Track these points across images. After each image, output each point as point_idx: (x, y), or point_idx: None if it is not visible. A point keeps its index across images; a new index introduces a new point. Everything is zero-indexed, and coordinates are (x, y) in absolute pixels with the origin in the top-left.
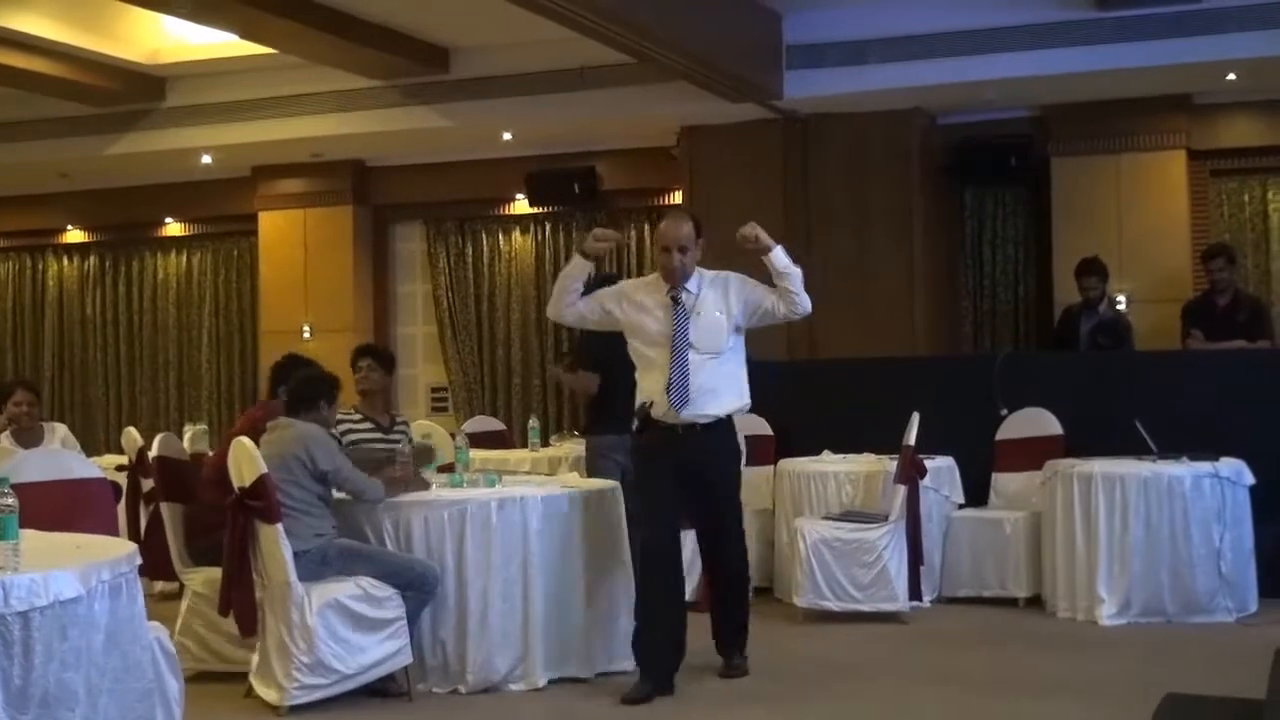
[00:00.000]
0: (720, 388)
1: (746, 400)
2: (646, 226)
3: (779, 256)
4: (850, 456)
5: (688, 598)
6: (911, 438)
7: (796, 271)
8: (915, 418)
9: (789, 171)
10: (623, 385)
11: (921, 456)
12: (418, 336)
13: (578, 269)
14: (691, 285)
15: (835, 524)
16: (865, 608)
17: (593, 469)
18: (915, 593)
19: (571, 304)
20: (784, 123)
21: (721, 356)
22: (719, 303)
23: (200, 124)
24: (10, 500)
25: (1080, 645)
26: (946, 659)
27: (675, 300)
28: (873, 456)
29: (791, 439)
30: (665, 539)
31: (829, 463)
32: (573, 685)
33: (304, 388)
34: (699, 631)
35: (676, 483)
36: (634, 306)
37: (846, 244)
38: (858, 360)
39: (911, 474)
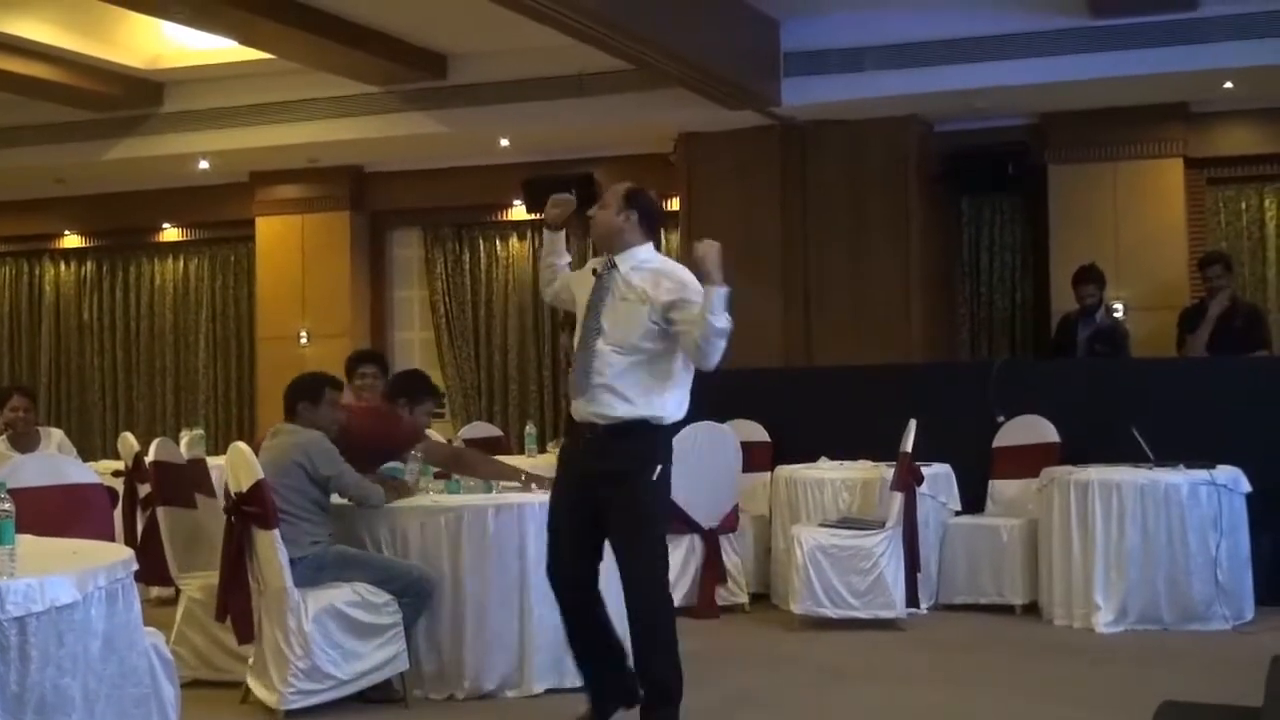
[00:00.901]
0: (628, 390)
1: (663, 413)
2: None
3: (713, 296)
4: (847, 463)
5: (680, 602)
6: (909, 444)
7: (718, 324)
8: (912, 424)
9: (786, 178)
10: None
11: (918, 463)
12: (415, 342)
13: (548, 243)
14: (623, 263)
15: (832, 531)
16: (862, 614)
17: None
18: (912, 600)
19: (549, 282)
20: (781, 130)
21: (636, 356)
22: (645, 293)
23: (198, 129)
24: (7, 505)
25: (1077, 652)
26: (943, 666)
27: (596, 273)
28: (869, 463)
29: (788, 445)
30: (554, 564)
31: (826, 469)
32: (568, 694)
33: (313, 383)
34: (693, 638)
35: (579, 497)
36: (578, 281)
37: (843, 251)
38: (855, 367)
39: (909, 481)
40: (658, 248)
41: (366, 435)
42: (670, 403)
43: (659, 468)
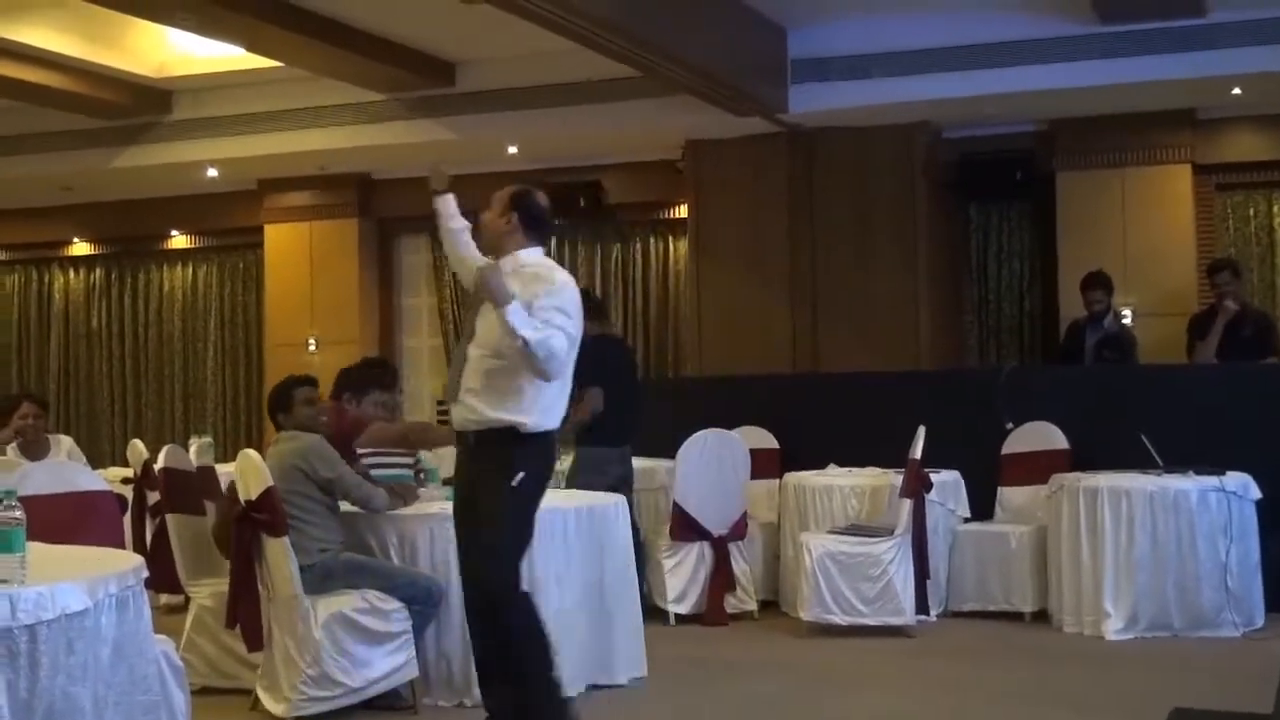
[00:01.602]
0: (492, 396)
1: (527, 420)
2: (652, 240)
3: (503, 318)
4: (855, 470)
5: (689, 610)
6: (917, 451)
7: (518, 343)
8: (921, 431)
9: (794, 185)
10: (612, 395)
11: (927, 470)
12: (423, 349)
13: (441, 210)
14: (505, 266)
15: (841, 538)
16: (871, 621)
17: (584, 482)
18: (921, 607)
19: (463, 261)
20: (789, 136)
21: (500, 362)
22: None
23: (206, 137)
24: (17, 513)
25: (1086, 659)
26: (953, 673)
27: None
28: (878, 470)
29: (796, 452)
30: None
31: (834, 476)
32: (579, 698)
33: (281, 390)
34: (702, 645)
35: (462, 499)
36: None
37: (851, 257)
38: (862, 374)
39: (917, 488)
40: (547, 252)
41: None
42: (535, 410)
43: (520, 475)
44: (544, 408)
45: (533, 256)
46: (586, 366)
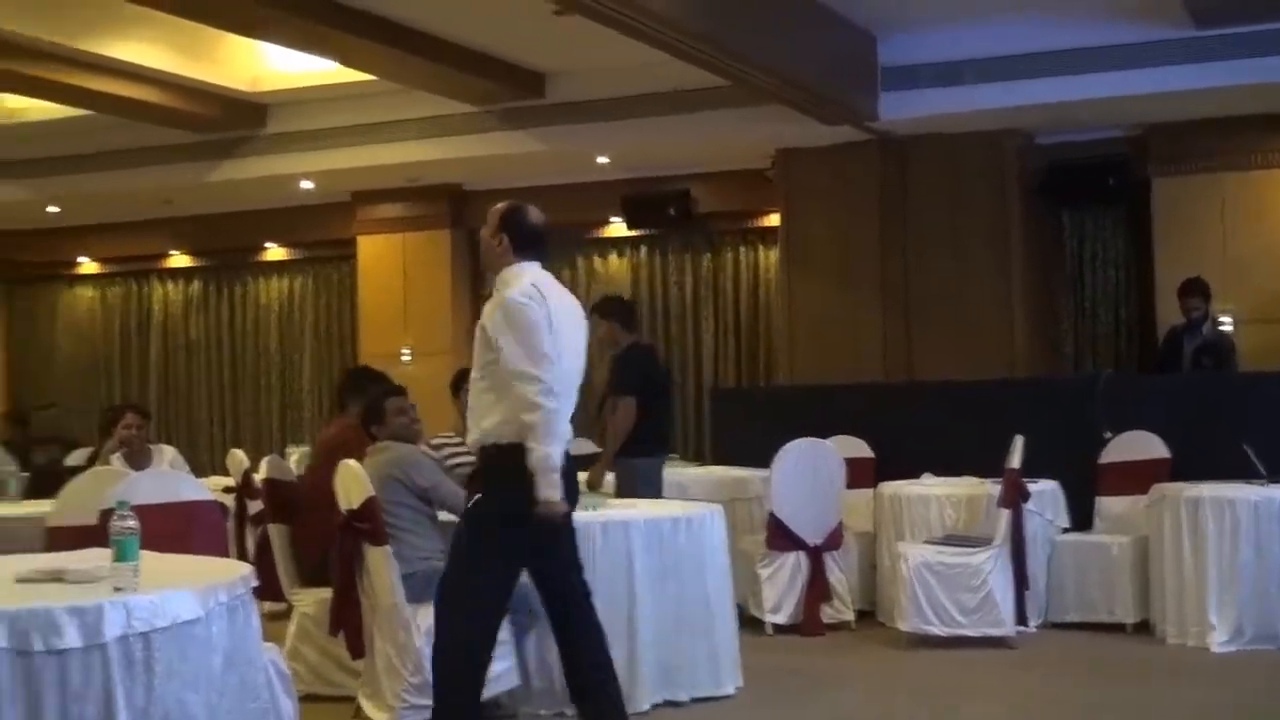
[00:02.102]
0: (479, 412)
1: (490, 427)
2: (742, 249)
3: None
4: (950, 479)
5: (786, 620)
6: (1015, 461)
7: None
8: (1019, 441)
9: (885, 193)
10: (656, 406)
11: (1025, 480)
12: None
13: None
14: (496, 285)
15: (939, 548)
16: (970, 632)
17: (633, 494)
18: (1021, 617)
19: None
20: (879, 144)
21: (482, 373)
22: (487, 313)
23: (300, 150)
24: (131, 522)
25: (1191, 672)
26: (1055, 686)
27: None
28: (974, 479)
29: (890, 461)
30: None
31: (930, 486)
32: (676, 709)
33: (372, 401)
34: (799, 656)
35: None
36: None
37: (943, 265)
38: (957, 382)
39: (1015, 497)
40: (544, 265)
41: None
42: (492, 420)
43: (475, 497)
44: (502, 415)
45: (516, 273)
46: (619, 376)
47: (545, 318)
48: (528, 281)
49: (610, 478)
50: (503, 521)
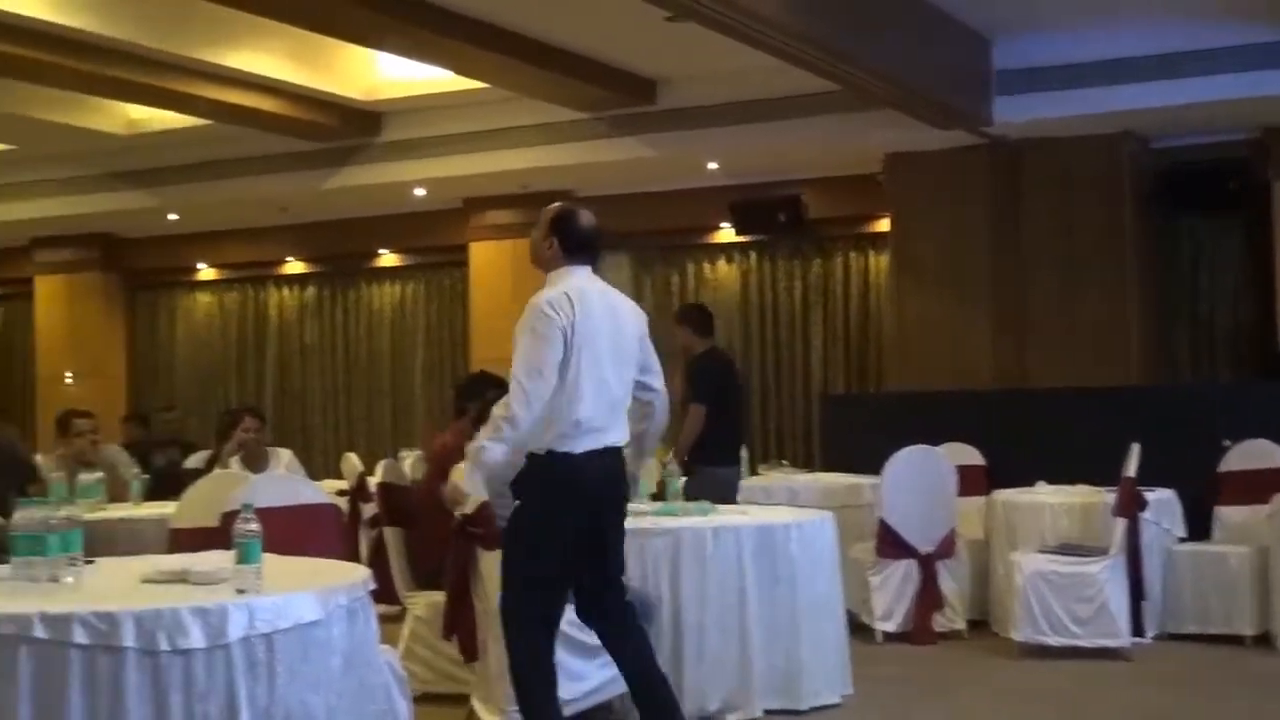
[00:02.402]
0: None
1: (526, 441)
2: (852, 255)
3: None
4: (1065, 488)
5: (896, 628)
6: (1131, 469)
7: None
8: (1135, 449)
9: (997, 197)
10: (729, 415)
11: (1140, 488)
12: None
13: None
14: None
15: (1053, 557)
16: (1085, 643)
17: (722, 502)
18: (1137, 628)
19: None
20: (991, 148)
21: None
22: None
23: (414, 158)
24: (254, 525)
25: None
26: (1170, 699)
27: None
28: (1088, 488)
29: (1003, 469)
30: None
31: (1043, 494)
32: (787, 715)
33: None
34: (911, 665)
35: None
36: None
37: (1057, 270)
38: (1070, 389)
39: (1131, 506)
40: (595, 270)
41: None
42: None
43: (516, 503)
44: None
45: (561, 276)
46: (691, 384)
47: (563, 331)
48: (564, 289)
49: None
50: (535, 534)
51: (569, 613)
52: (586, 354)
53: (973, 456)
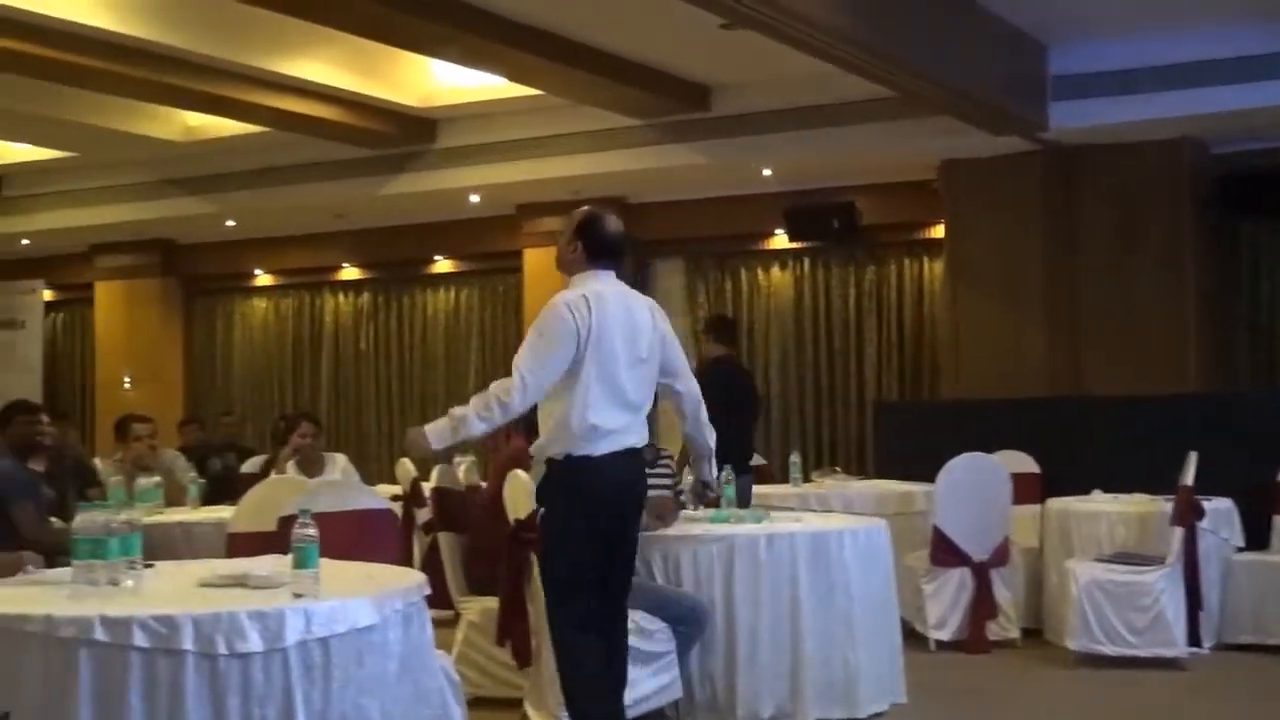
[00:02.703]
0: (540, 423)
1: (543, 443)
2: (906, 261)
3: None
4: (1121, 496)
5: (950, 636)
6: (1189, 477)
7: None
8: (1192, 457)
9: (1052, 203)
10: (736, 424)
11: (1198, 497)
12: None
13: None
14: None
15: (1109, 566)
16: (1141, 653)
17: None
18: (1194, 639)
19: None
20: (1047, 154)
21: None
22: None
23: (468, 164)
24: (312, 530)
25: None
26: (1226, 710)
27: None
28: (1145, 496)
29: (1058, 477)
30: None
31: (1099, 502)
32: None
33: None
34: (965, 673)
35: None
36: None
37: (1113, 276)
38: (1127, 397)
39: (1189, 515)
40: (619, 275)
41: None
42: (549, 431)
43: (541, 510)
44: (553, 432)
45: (582, 280)
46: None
47: (576, 333)
48: (580, 292)
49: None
50: (562, 538)
51: None
52: (601, 357)
53: (1027, 464)
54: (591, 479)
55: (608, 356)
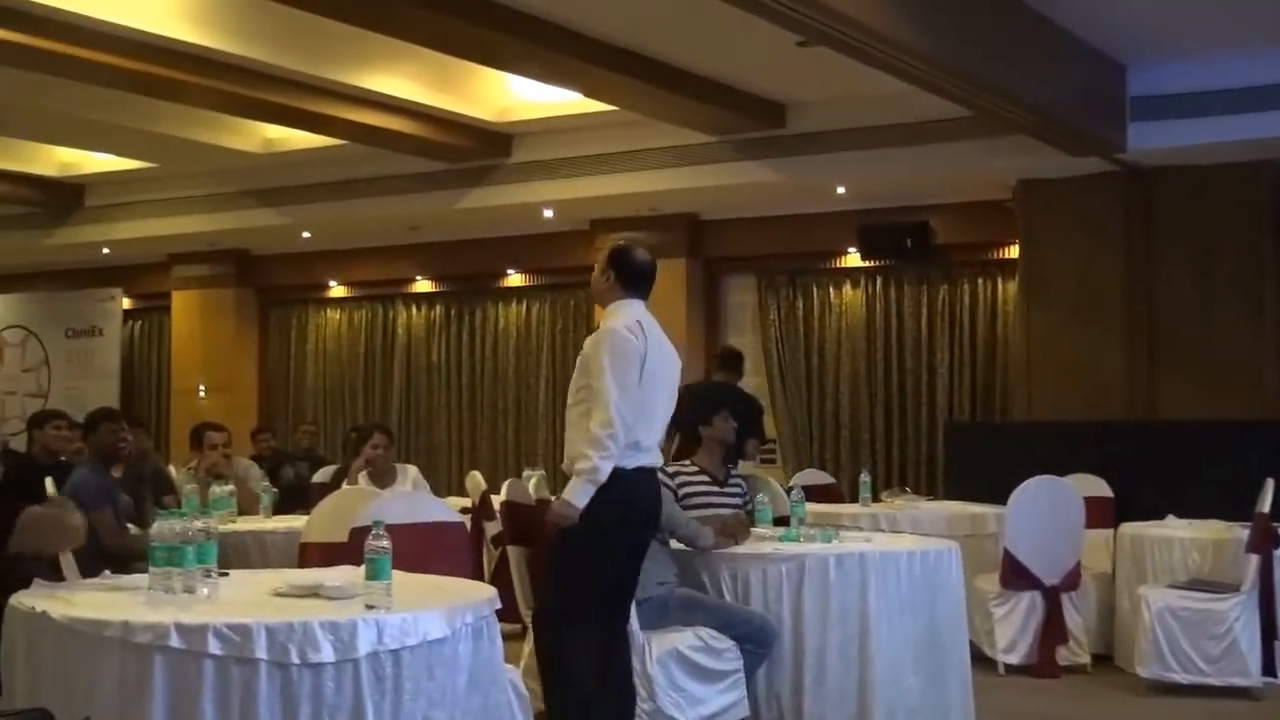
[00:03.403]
0: (573, 437)
1: (579, 462)
2: (980, 281)
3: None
4: (1195, 522)
5: (1019, 660)
6: (1265, 504)
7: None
8: (1269, 484)
9: (1129, 225)
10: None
11: (1275, 524)
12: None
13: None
14: (604, 317)
15: (1182, 592)
16: (1214, 681)
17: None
18: (1269, 668)
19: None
20: (1124, 176)
21: (577, 398)
22: (590, 342)
23: (543, 179)
24: (385, 542)
25: None
26: None
27: None
28: (1220, 523)
29: (1131, 501)
30: None
31: (1173, 528)
32: None
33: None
34: (1035, 698)
35: None
36: None
37: (1190, 300)
38: (1204, 422)
39: (1265, 543)
40: (649, 304)
41: None
42: (584, 450)
43: (563, 532)
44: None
45: (618, 309)
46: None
47: (642, 354)
48: (633, 319)
49: None
50: (591, 550)
51: (689, 637)
52: (651, 380)
53: (1100, 488)
54: (628, 492)
55: (651, 379)
